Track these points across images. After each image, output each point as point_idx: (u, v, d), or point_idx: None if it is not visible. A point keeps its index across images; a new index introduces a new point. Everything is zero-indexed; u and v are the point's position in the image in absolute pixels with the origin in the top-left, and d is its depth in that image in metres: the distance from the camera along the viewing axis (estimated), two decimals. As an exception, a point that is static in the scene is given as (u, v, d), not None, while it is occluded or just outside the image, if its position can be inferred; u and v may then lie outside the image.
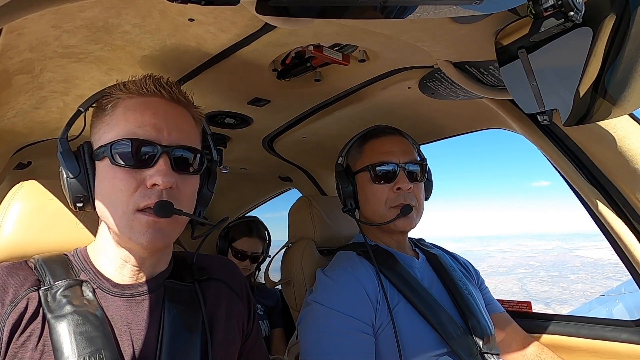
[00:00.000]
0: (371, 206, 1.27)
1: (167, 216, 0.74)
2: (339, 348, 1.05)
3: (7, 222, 0.89)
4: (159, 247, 0.79)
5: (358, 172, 1.29)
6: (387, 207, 1.24)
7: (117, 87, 0.81)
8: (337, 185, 1.35)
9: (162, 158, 0.75)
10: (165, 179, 0.74)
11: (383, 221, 1.23)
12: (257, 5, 0.62)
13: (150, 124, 0.77)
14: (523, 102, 0.89)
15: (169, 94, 0.81)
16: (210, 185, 0.90)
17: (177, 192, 0.77)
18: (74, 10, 0.81)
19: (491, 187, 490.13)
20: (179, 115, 0.82)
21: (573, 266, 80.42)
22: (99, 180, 0.78)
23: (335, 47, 1.06)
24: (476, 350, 1.12)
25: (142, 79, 0.80)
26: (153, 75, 0.82)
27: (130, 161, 0.75)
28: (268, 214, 2.77)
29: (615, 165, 1.07)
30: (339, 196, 1.34)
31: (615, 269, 63.75)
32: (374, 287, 1.14)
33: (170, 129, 0.78)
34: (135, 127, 0.76)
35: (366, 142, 1.31)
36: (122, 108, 0.78)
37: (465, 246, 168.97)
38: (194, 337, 0.82)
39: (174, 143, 0.78)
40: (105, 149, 0.76)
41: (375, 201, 1.25)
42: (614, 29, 0.75)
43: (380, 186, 1.24)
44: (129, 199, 0.74)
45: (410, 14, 0.65)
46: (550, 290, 54.19)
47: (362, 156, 1.30)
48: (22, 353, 0.70)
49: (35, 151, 1.52)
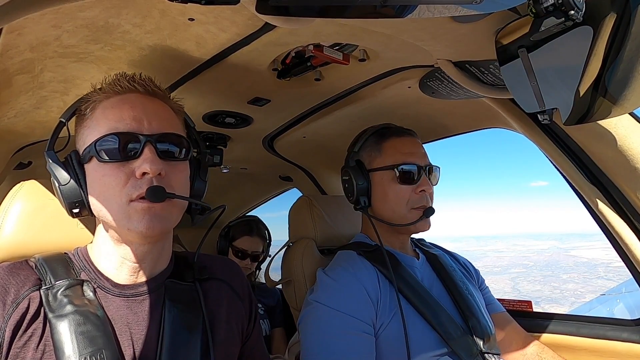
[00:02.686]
0: (391, 206, 1.25)
1: (161, 200, 0.75)
2: (340, 348, 1.05)
3: (7, 222, 0.89)
4: (158, 233, 0.79)
5: (376, 170, 1.27)
6: (408, 208, 1.23)
7: (93, 92, 0.83)
8: (346, 181, 1.31)
9: (146, 147, 0.76)
10: (153, 166, 0.75)
11: (403, 222, 1.22)
12: (257, 4, 0.62)
13: (129, 116, 0.78)
14: (523, 101, 0.89)
15: (143, 87, 0.82)
16: (202, 175, 0.90)
17: (167, 179, 0.78)
18: (74, 10, 0.81)
19: (489, 186, 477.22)
20: (157, 106, 0.83)
21: (566, 266, 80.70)
22: (90, 181, 0.79)
23: (335, 47, 1.06)
24: (476, 350, 1.12)
25: (115, 79, 0.82)
26: (125, 73, 0.83)
27: (117, 155, 0.76)
28: (267, 213, 2.77)
29: (615, 164, 1.07)
30: (350, 193, 1.31)
31: (607, 269, 63.89)
32: (374, 287, 1.14)
33: (150, 118, 0.79)
34: (115, 122, 0.77)
35: (385, 140, 1.29)
36: (100, 109, 0.80)
37: (462, 246, 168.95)
38: (195, 336, 0.82)
39: (155, 131, 0.78)
40: (90, 149, 0.77)
41: (397, 201, 1.23)
42: (614, 28, 0.75)
43: (404, 187, 1.23)
44: (121, 191, 0.75)
45: (410, 13, 0.65)
46: (542, 290, 54.53)
47: (383, 154, 1.27)
48: (24, 353, 0.70)
49: (35, 151, 1.52)
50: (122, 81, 0.81)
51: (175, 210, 0.81)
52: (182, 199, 0.80)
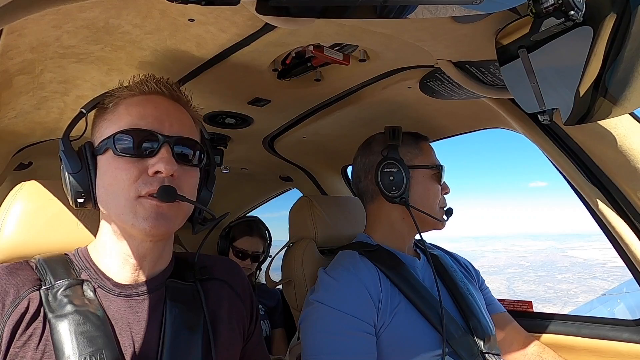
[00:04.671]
0: (430, 203, 1.29)
1: (171, 201, 0.75)
2: (341, 348, 1.05)
3: (8, 223, 0.89)
4: (162, 234, 0.79)
5: (418, 167, 1.30)
6: (438, 206, 1.31)
7: (119, 88, 0.84)
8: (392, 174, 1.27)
9: (164, 147, 0.77)
10: (168, 167, 0.76)
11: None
12: (258, 5, 0.62)
13: (152, 115, 0.79)
14: (524, 101, 0.89)
15: (169, 91, 0.84)
16: (210, 185, 0.92)
17: (179, 182, 0.78)
18: (75, 11, 0.81)
19: (488, 187, 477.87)
20: (180, 111, 0.85)
21: (562, 266, 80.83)
22: (101, 173, 0.80)
23: (335, 47, 1.06)
24: (477, 351, 1.12)
25: (143, 79, 0.83)
26: (154, 76, 0.84)
27: (133, 151, 0.76)
28: (268, 214, 2.77)
29: (616, 165, 1.07)
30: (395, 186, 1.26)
31: (602, 269, 63.95)
32: (376, 287, 1.14)
33: (172, 121, 0.81)
34: (137, 119, 0.79)
35: (421, 141, 1.36)
36: (124, 105, 0.81)
37: (460, 246, 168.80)
38: (196, 337, 0.82)
39: (175, 134, 0.80)
40: (107, 141, 0.78)
41: (434, 200, 1.30)
42: (614, 28, 0.75)
43: (438, 186, 1.31)
44: (130, 186, 0.75)
45: (410, 14, 0.65)
46: (536, 290, 54.72)
47: (423, 154, 1.33)
48: (24, 353, 0.70)
49: (36, 152, 1.52)
50: (150, 82, 0.83)
51: (181, 214, 0.81)
52: (192, 202, 0.80)
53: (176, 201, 0.76)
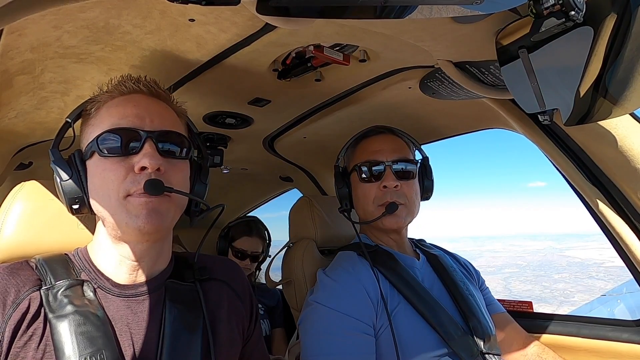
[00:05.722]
0: (361, 205, 1.28)
1: (158, 193, 0.75)
2: (340, 348, 1.05)
3: (8, 223, 0.89)
4: (156, 230, 0.79)
5: (351, 172, 1.31)
6: (375, 205, 1.24)
7: (100, 93, 0.85)
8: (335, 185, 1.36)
9: (147, 143, 0.78)
10: (152, 161, 0.76)
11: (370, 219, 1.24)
12: (258, 5, 0.62)
13: (132, 114, 0.80)
14: (524, 101, 0.89)
15: (148, 89, 0.85)
16: (203, 178, 0.91)
17: (167, 176, 0.78)
18: (75, 11, 0.81)
19: (488, 187, 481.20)
20: (160, 107, 0.85)
21: (559, 266, 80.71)
22: (90, 177, 0.80)
23: (335, 47, 1.06)
24: (477, 351, 1.12)
25: (120, 80, 0.84)
26: (130, 75, 0.85)
27: (117, 150, 0.77)
28: (267, 214, 2.77)
29: (616, 165, 1.07)
30: (340, 200, 1.35)
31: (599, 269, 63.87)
32: (375, 288, 1.14)
33: (153, 116, 0.81)
34: (118, 119, 0.79)
35: (359, 142, 1.33)
36: (105, 108, 0.83)
37: (459, 246, 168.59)
38: (195, 337, 0.82)
39: (156, 128, 0.80)
40: (92, 144, 0.79)
41: (364, 200, 1.26)
42: (614, 29, 0.75)
43: (368, 185, 1.25)
44: (119, 186, 0.76)
45: (410, 14, 0.65)
46: (532, 290, 54.71)
47: (354, 156, 1.32)
48: (24, 353, 0.70)
49: (36, 152, 1.52)
50: (127, 82, 0.83)
51: (173, 207, 0.81)
52: (179, 193, 0.80)
53: (166, 194, 0.77)
